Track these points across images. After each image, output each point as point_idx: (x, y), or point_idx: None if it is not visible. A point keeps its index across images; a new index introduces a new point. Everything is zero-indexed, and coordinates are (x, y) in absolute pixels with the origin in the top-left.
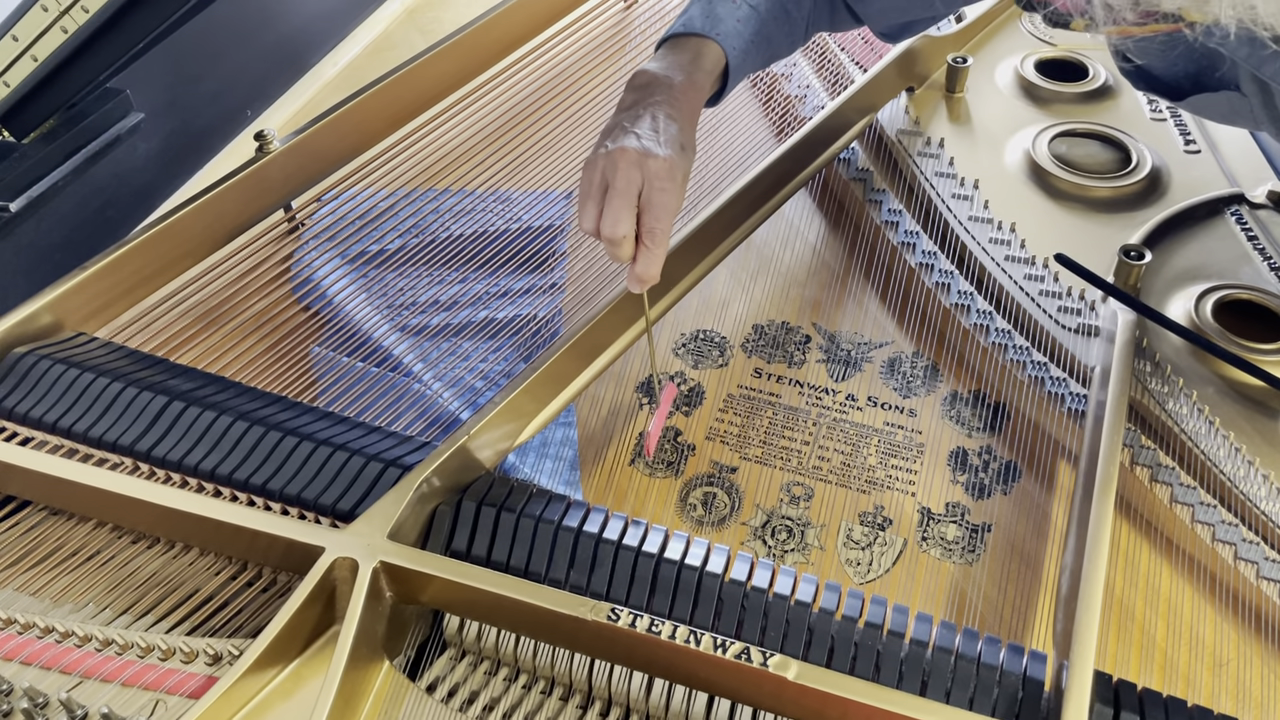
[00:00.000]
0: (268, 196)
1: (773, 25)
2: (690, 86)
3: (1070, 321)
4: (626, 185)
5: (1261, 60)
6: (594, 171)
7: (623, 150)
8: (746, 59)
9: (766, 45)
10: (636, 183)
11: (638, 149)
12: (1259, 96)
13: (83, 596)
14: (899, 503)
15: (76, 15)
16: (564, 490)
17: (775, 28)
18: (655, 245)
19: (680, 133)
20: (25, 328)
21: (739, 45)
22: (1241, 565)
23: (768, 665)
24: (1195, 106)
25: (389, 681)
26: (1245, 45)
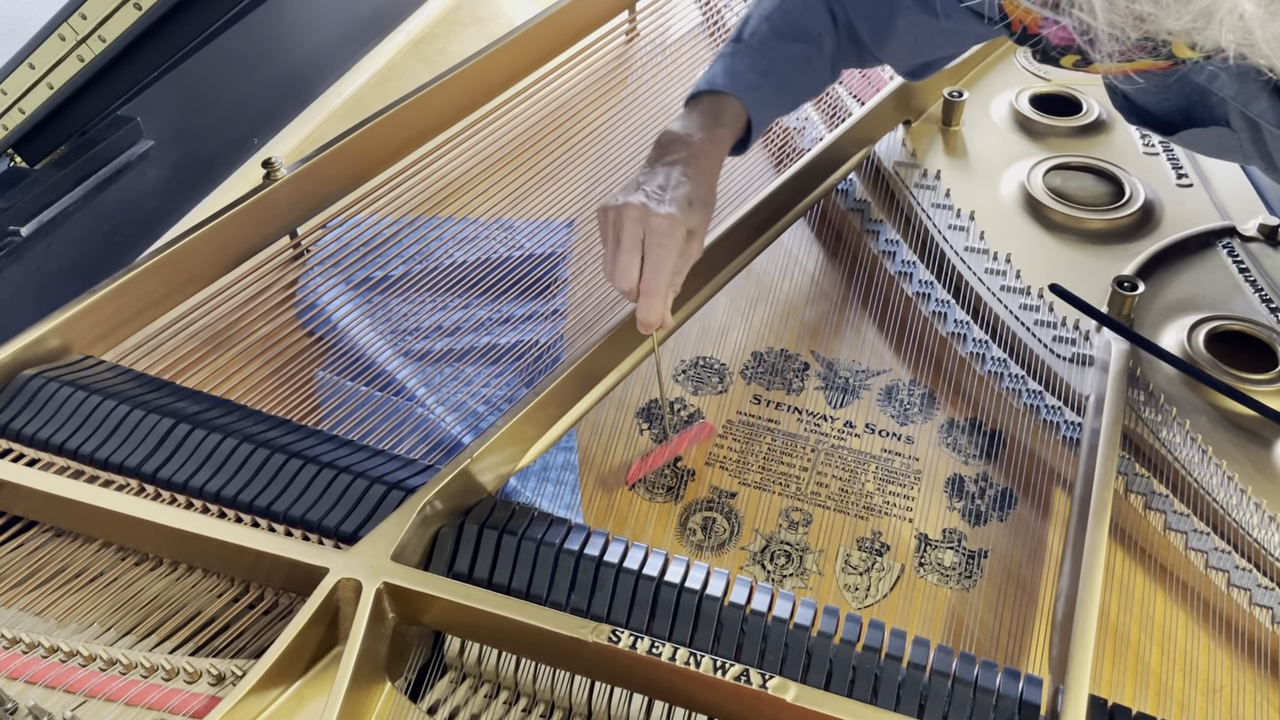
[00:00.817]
0: (274, 223)
1: (793, 73)
2: (709, 141)
3: (1065, 351)
4: (631, 240)
5: (1250, 98)
6: (605, 225)
7: (627, 206)
8: (768, 109)
9: (789, 93)
10: (639, 237)
11: (639, 205)
12: (1248, 133)
13: (87, 617)
14: (896, 529)
15: (94, 44)
16: (565, 515)
17: (796, 74)
18: (651, 295)
19: (692, 189)
20: (34, 350)
21: (758, 98)
22: (1234, 592)
23: (767, 687)
24: (1187, 141)
25: (391, 703)
26: (1234, 83)
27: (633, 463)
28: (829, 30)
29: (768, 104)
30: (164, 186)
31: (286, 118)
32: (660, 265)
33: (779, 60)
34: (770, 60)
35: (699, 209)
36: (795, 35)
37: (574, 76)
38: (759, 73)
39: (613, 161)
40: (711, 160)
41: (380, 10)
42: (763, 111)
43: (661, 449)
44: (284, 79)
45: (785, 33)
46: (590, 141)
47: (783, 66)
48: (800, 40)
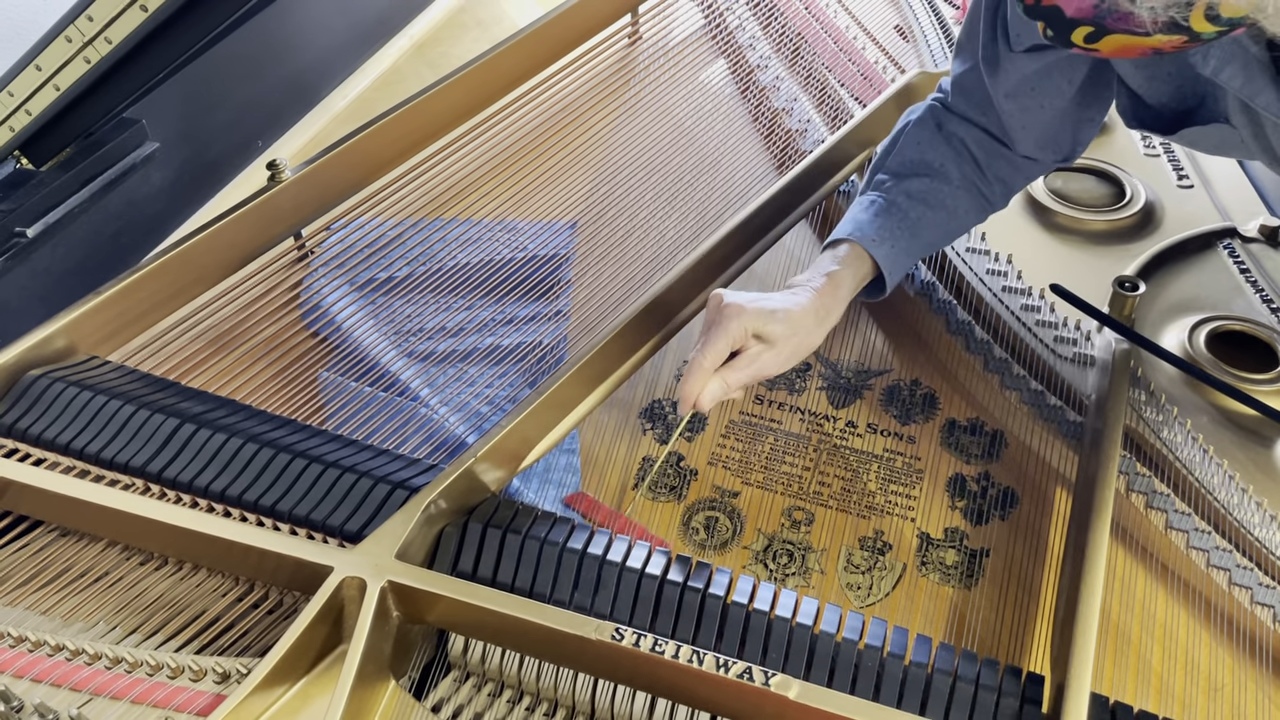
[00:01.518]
0: (278, 225)
1: (921, 209)
2: (829, 281)
3: (1066, 351)
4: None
5: (1256, 90)
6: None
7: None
8: (896, 248)
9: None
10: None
11: (721, 293)
12: (1249, 128)
13: (92, 616)
14: (898, 528)
15: (100, 46)
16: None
17: (926, 210)
18: (690, 371)
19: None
20: (40, 351)
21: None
22: (1236, 590)
23: (769, 685)
24: (1188, 139)
25: (395, 701)
26: (1240, 75)
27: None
28: (951, 159)
29: (891, 242)
30: (169, 188)
31: (291, 120)
32: (707, 345)
33: (897, 199)
34: (889, 200)
35: (782, 325)
36: (913, 171)
37: (577, 79)
38: (877, 213)
39: (615, 164)
40: (823, 303)
41: (384, 14)
42: (888, 250)
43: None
44: (289, 82)
45: (902, 172)
46: (593, 144)
47: (902, 204)
48: (920, 175)
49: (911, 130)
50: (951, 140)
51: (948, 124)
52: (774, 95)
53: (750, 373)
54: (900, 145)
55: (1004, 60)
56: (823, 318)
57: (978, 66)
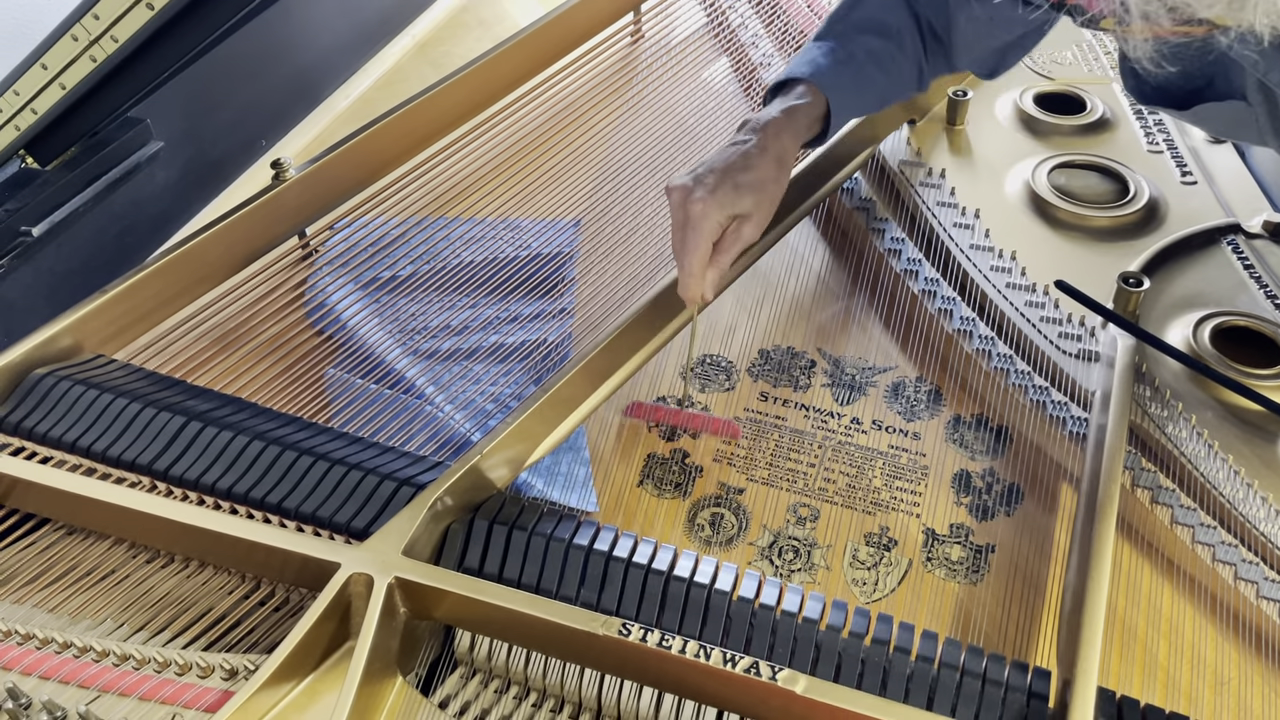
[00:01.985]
0: (283, 223)
1: (872, 66)
2: (780, 124)
3: (1071, 347)
4: (675, 222)
5: (1270, 65)
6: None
7: (671, 190)
8: (846, 97)
9: (869, 85)
10: (679, 220)
11: (681, 188)
12: (1264, 106)
13: (100, 613)
14: (904, 524)
15: (105, 45)
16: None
17: (875, 68)
18: (685, 275)
19: (747, 174)
20: (46, 349)
21: (835, 82)
22: (1242, 585)
23: (777, 679)
24: (1200, 117)
25: (402, 697)
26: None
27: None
28: (910, 28)
29: (845, 91)
30: (174, 187)
31: (295, 119)
32: (692, 248)
33: (856, 52)
34: (848, 51)
35: (748, 193)
36: (874, 30)
37: (579, 78)
38: (837, 60)
39: (618, 162)
40: (781, 143)
41: (387, 13)
42: (841, 98)
43: (682, 413)
44: (292, 81)
45: (863, 27)
46: (596, 143)
47: (860, 58)
48: (879, 35)
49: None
50: (911, 10)
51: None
52: None
53: (737, 249)
54: (866, 2)
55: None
56: (781, 159)
57: None
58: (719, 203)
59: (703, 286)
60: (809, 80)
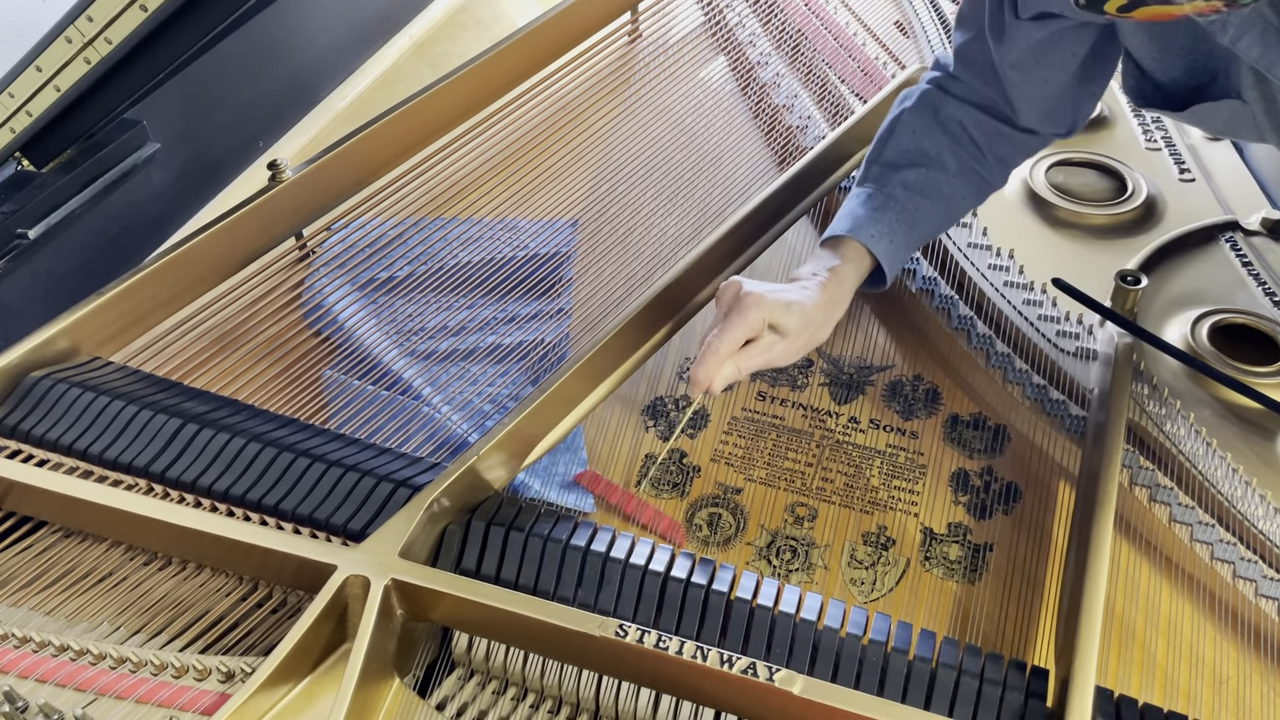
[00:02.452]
0: (280, 224)
1: (919, 200)
2: (832, 277)
3: (1068, 345)
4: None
5: (1273, 61)
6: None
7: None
8: (895, 241)
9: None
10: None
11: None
12: (1262, 104)
13: (96, 616)
14: (902, 523)
15: (100, 46)
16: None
17: (923, 201)
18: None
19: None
20: (42, 352)
21: (876, 231)
22: (1240, 583)
23: (774, 680)
24: (1197, 117)
25: (399, 699)
26: (1257, 45)
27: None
28: (948, 146)
29: (890, 236)
30: (170, 189)
31: (292, 120)
32: (724, 332)
33: (894, 192)
34: (885, 195)
35: (796, 315)
36: (909, 161)
37: (577, 78)
38: (874, 208)
39: (616, 162)
40: (829, 295)
41: (384, 13)
42: (886, 244)
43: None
44: (289, 82)
45: (897, 163)
46: (593, 142)
47: (899, 196)
48: (915, 165)
49: (907, 118)
50: (949, 126)
51: (945, 108)
52: (774, 92)
53: (762, 361)
54: (895, 134)
55: (1010, 28)
56: (830, 312)
57: (983, 35)
58: (770, 305)
59: (717, 373)
60: (849, 236)
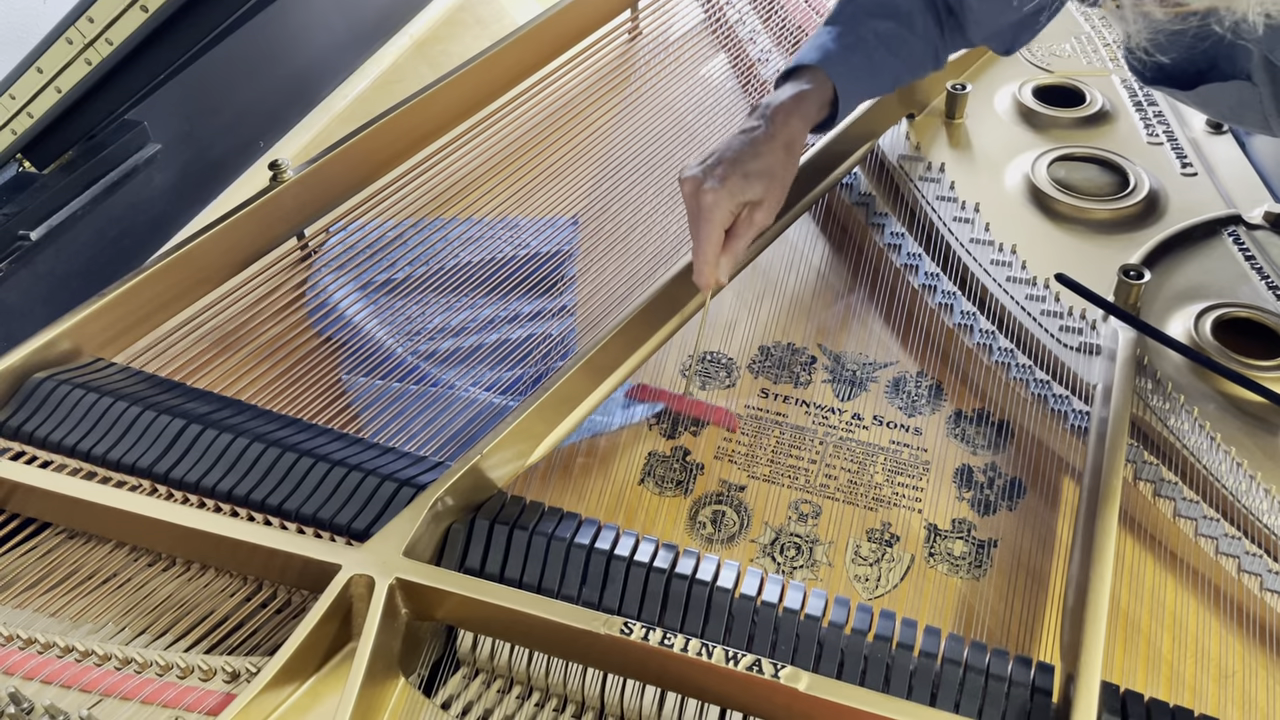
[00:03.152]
0: (281, 224)
1: (881, 50)
2: (789, 109)
3: (1072, 340)
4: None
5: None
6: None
7: (682, 181)
8: (856, 82)
9: (879, 68)
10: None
11: (692, 179)
12: (1270, 86)
13: (101, 617)
14: (906, 520)
15: (101, 48)
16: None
17: (885, 51)
18: (699, 262)
19: (755, 162)
20: (45, 354)
21: (844, 70)
22: (1245, 578)
23: (779, 677)
24: (1204, 97)
25: (405, 698)
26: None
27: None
28: (921, 8)
29: (855, 78)
30: (172, 190)
31: (292, 120)
32: (705, 236)
33: (866, 36)
34: (857, 35)
35: (758, 181)
36: (885, 13)
37: (577, 76)
38: (845, 46)
39: (617, 159)
40: (789, 129)
41: (384, 13)
42: (849, 84)
43: (679, 397)
44: (289, 82)
45: (872, 10)
46: (594, 140)
47: (870, 41)
48: (888, 17)
49: None
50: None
51: None
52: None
53: (750, 235)
54: None
55: None
56: (790, 144)
57: None
58: (729, 192)
59: (716, 272)
60: (818, 65)
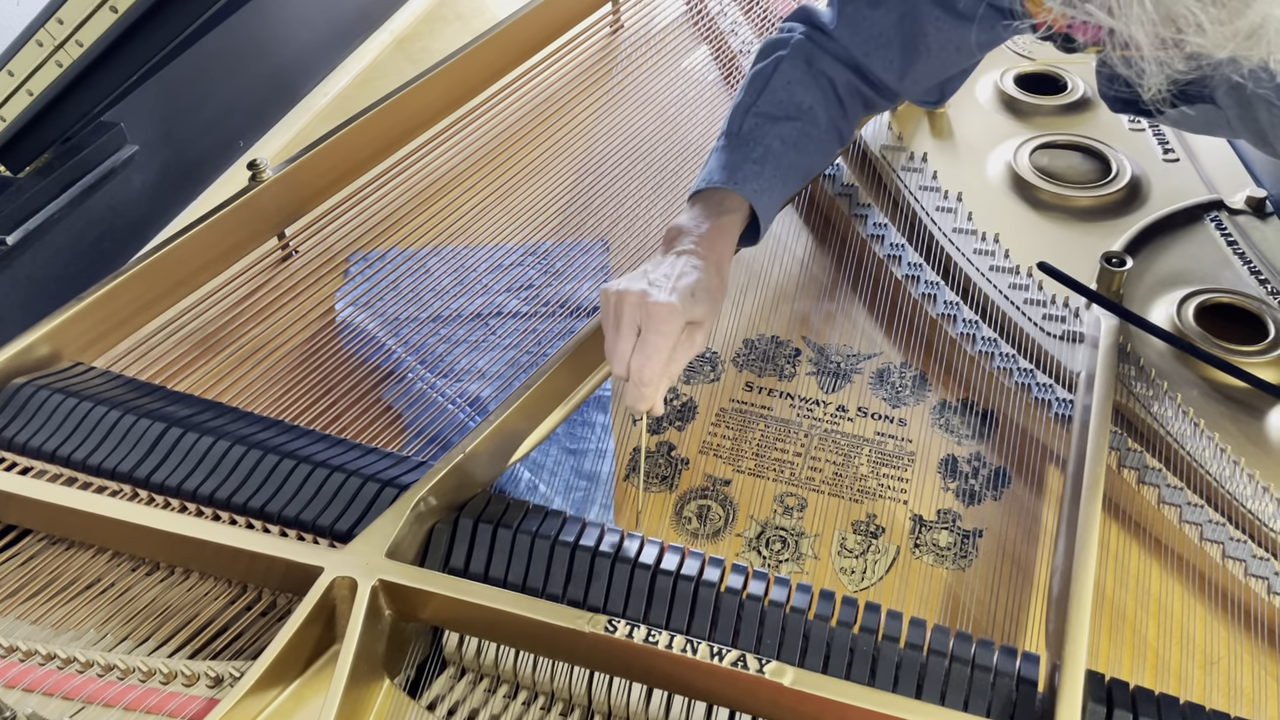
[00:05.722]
0: (261, 224)
1: (790, 154)
2: (716, 231)
3: (1055, 328)
4: (628, 327)
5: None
6: (606, 308)
7: (627, 293)
8: (771, 196)
9: (790, 173)
10: (636, 323)
11: (639, 292)
12: (1236, 109)
13: (83, 623)
14: (891, 511)
15: (71, 49)
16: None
17: (794, 154)
18: (640, 385)
19: (698, 279)
20: (24, 358)
21: (758, 186)
22: (1230, 564)
23: (764, 672)
24: (1173, 120)
25: (390, 700)
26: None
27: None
28: (820, 101)
29: (769, 191)
30: (150, 191)
31: (272, 119)
32: (653, 354)
33: (772, 145)
34: (764, 147)
35: (703, 301)
36: (787, 116)
37: (559, 70)
38: (754, 161)
39: (600, 153)
40: (719, 251)
41: (363, 9)
42: (766, 200)
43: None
44: (268, 80)
45: (775, 115)
46: (577, 134)
47: (777, 150)
48: (793, 120)
49: (784, 69)
50: (820, 80)
51: (818, 62)
52: None
53: (688, 358)
54: (772, 84)
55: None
56: (720, 267)
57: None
58: (682, 308)
59: (657, 398)
60: (729, 188)
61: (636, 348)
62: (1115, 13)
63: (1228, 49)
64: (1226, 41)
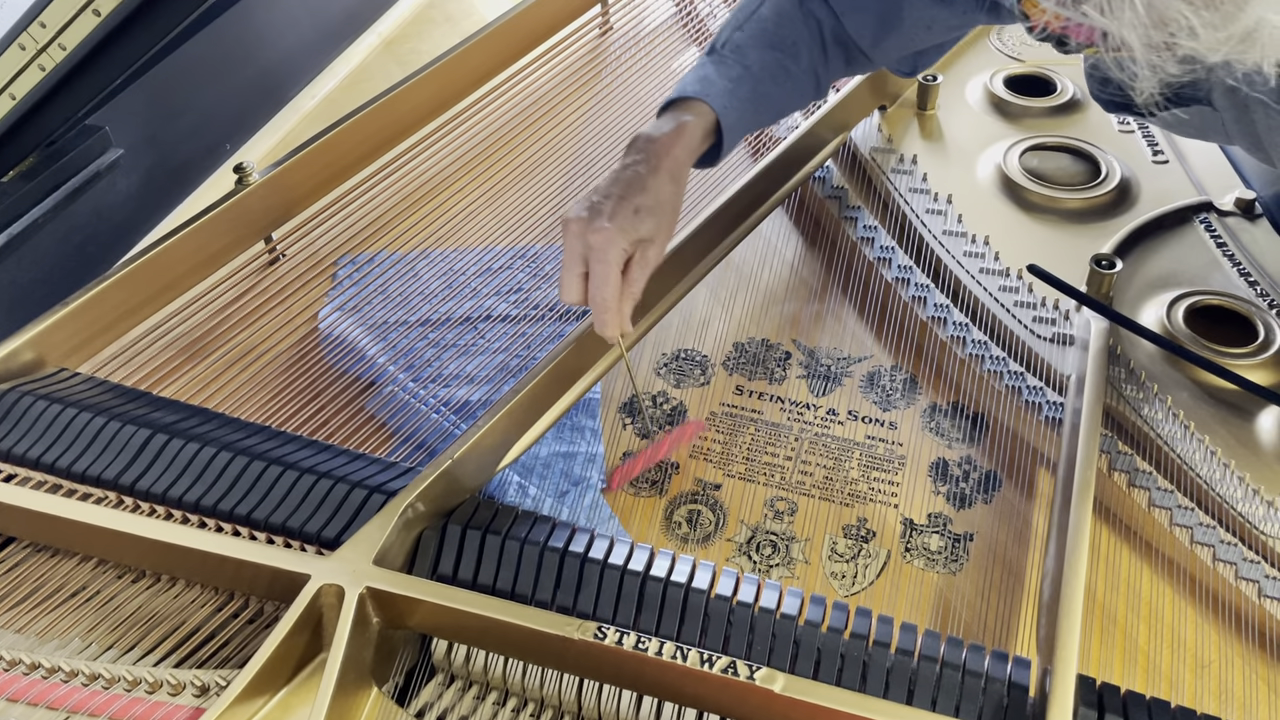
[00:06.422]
0: (247, 228)
1: (767, 82)
2: (672, 140)
3: (1045, 331)
4: (571, 256)
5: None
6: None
7: (569, 222)
8: (741, 116)
9: (764, 101)
10: (578, 253)
11: (579, 219)
12: (1232, 112)
13: (69, 632)
14: (882, 515)
15: (54, 53)
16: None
17: (771, 84)
18: (600, 310)
19: (645, 196)
20: (7, 365)
21: (729, 103)
22: (1221, 567)
23: (755, 678)
24: (1166, 123)
25: (378, 708)
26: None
27: (616, 467)
28: (806, 41)
29: (740, 110)
30: (135, 195)
31: (259, 122)
32: (602, 281)
33: (752, 67)
34: (743, 67)
35: (649, 216)
36: (770, 44)
37: (548, 72)
38: (730, 79)
39: (589, 155)
40: (674, 160)
41: (351, 11)
42: (735, 118)
43: (647, 451)
44: (255, 83)
45: (759, 42)
46: (566, 136)
47: (756, 73)
48: (775, 49)
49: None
50: (809, 20)
51: (809, 2)
52: None
53: (645, 275)
54: (760, 11)
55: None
56: (675, 175)
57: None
58: (620, 229)
59: (621, 320)
60: (700, 97)
61: (589, 277)
62: (1108, 14)
63: (1221, 52)
64: (1219, 45)
